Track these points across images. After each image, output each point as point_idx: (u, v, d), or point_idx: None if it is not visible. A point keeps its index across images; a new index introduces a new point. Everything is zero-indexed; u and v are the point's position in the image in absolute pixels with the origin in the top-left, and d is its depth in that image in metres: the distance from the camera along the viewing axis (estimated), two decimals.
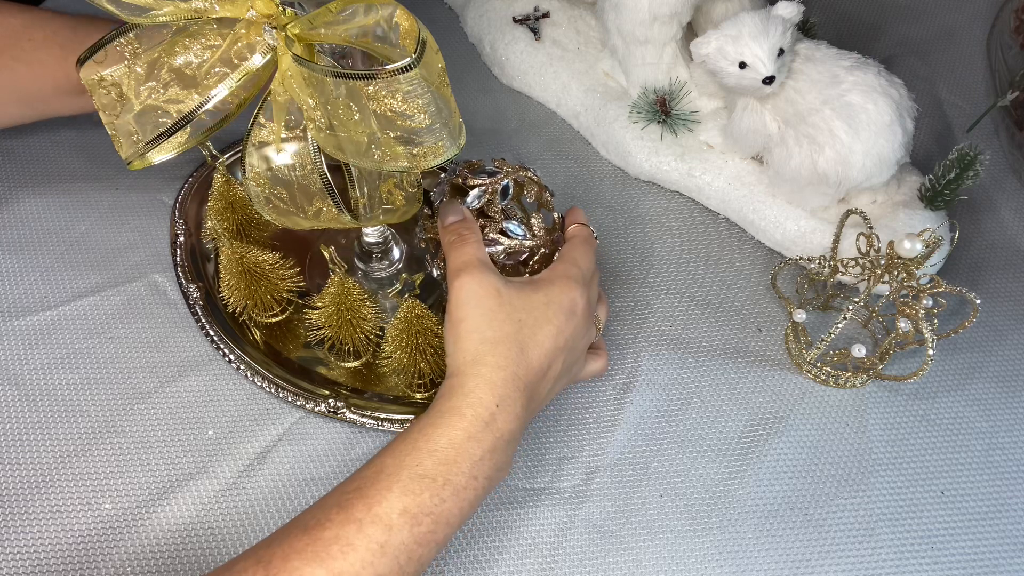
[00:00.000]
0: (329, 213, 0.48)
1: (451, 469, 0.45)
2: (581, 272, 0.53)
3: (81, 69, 0.47)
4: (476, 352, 0.48)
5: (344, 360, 0.59)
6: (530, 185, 0.56)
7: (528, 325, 0.50)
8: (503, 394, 0.48)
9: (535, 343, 0.49)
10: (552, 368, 0.51)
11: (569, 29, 0.78)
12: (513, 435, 0.48)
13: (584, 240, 0.55)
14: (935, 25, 0.86)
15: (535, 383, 0.50)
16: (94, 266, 0.63)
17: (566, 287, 0.52)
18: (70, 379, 0.58)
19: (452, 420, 0.47)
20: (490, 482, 0.47)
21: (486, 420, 0.47)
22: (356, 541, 0.42)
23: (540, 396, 0.51)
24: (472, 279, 0.50)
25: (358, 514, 0.43)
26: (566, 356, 0.52)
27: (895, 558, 0.54)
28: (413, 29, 0.40)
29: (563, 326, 0.51)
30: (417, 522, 0.44)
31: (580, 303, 0.52)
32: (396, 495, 0.44)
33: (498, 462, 0.47)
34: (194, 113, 0.46)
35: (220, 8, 0.43)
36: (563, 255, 0.54)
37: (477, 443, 0.46)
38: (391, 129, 0.41)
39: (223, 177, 0.59)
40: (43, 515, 0.53)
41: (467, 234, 0.52)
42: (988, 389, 0.62)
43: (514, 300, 0.50)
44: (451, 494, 0.45)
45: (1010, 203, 0.73)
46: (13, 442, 0.55)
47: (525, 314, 0.50)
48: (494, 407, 0.47)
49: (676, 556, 0.54)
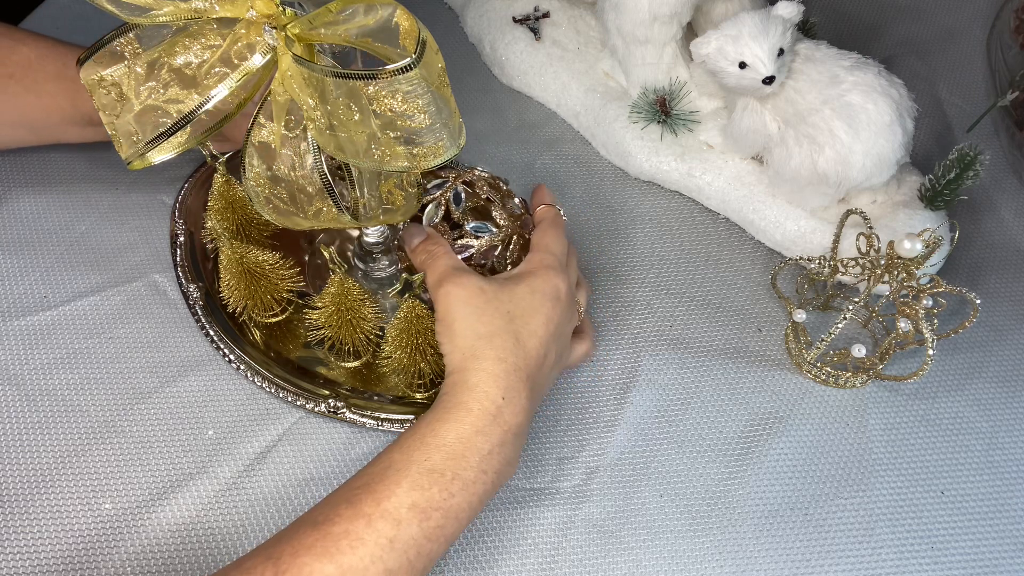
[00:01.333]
0: (329, 213, 0.48)
1: (460, 464, 0.45)
2: (556, 257, 0.54)
3: (81, 69, 0.47)
4: (473, 347, 0.49)
5: (344, 360, 0.59)
6: (480, 183, 0.57)
7: (518, 316, 0.50)
8: (507, 386, 0.48)
9: (529, 332, 0.50)
10: (548, 356, 0.51)
11: (569, 29, 0.77)
12: (520, 428, 0.48)
13: (552, 223, 0.56)
14: (935, 25, 0.86)
15: (535, 373, 0.50)
16: (94, 266, 0.63)
17: (545, 275, 0.52)
18: (70, 379, 0.58)
19: (459, 415, 0.47)
20: (499, 476, 0.47)
21: (493, 414, 0.47)
22: (365, 536, 0.42)
23: (540, 387, 0.52)
24: (452, 284, 0.51)
25: (367, 509, 0.43)
26: (557, 343, 0.52)
27: (895, 558, 0.54)
28: (413, 29, 0.40)
29: (551, 313, 0.51)
30: (426, 517, 0.44)
31: (562, 288, 0.52)
32: (405, 490, 0.44)
33: (507, 456, 0.48)
34: (194, 113, 0.46)
35: (220, 8, 0.43)
36: (535, 244, 0.55)
37: (485, 437, 0.47)
38: (391, 129, 0.41)
39: (223, 177, 0.59)
40: (43, 515, 0.53)
41: (435, 248, 0.54)
42: (988, 389, 0.62)
43: (499, 294, 0.51)
44: (460, 488, 0.45)
45: (1010, 203, 0.73)
46: (13, 442, 0.55)
47: (512, 305, 0.50)
48: (500, 400, 0.47)
49: (676, 556, 0.54)
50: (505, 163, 0.72)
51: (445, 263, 0.52)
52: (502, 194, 0.58)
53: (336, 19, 0.41)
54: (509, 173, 0.68)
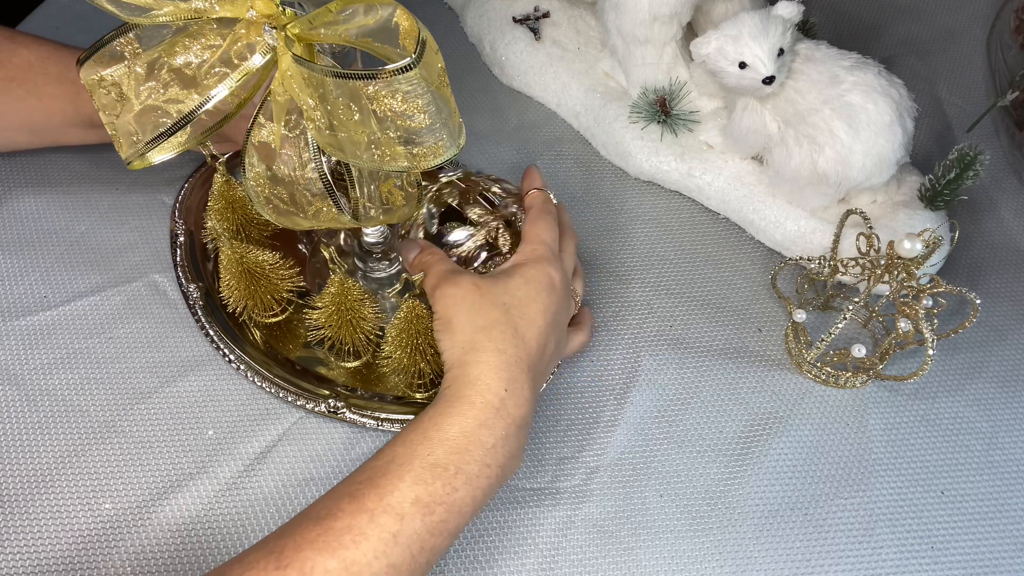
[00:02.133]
0: (329, 213, 0.48)
1: (463, 457, 0.45)
2: (547, 246, 0.54)
3: (81, 69, 0.47)
4: (472, 340, 0.49)
5: (344, 360, 0.59)
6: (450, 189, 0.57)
7: (515, 307, 0.50)
8: (509, 378, 0.48)
9: (527, 323, 0.50)
10: (548, 346, 0.51)
11: (569, 29, 0.77)
12: (524, 420, 0.48)
13: (541, 210, 0.56)
14: (935, 25, 0.86)
15: (536, 363, 0.50)
16: (94, 266, 0.63)
17: (538, 265, 0.52)
18: (70, 379, 0.58)
19: (462, 408, 0.47)
20: (503, 470, 0.47)
21: (496, 407, 0.47)
22: (368, 531, 0.42)
23: (540, 378, 0.52)
24: (448, 285, 0.51)
25: (370, 504, 0.43)
26: (556, 332, 0.52)
27: (895, 558, 0.54)
28: (413, 29, 0.40)
29: (547, 303, 0.51)
30: (430, 511, 0.44)
31: (556, 276, 0.52)
32: (408, 484, 0.44)
33: (511, 449, 0.47)
34: (194, 113, 0.46)
35: (220, 8, 0.43)
36: (526, 234, 0.55)
37: (489, 431, 0.46)
38: (391, 129, 0.41)
39: (223, 177, 0.59)
40: (43, 515, 0.53)
41: (430, 259, 0.54)
42: (988, 389, 0.62)
43: (494, 288, 0.51)
44: (463, 483, 0.45)
45: (1010, 203, 0.73)
46: (13, 442, 0.55)
47: (508, 297, 0.50)
48: (503, 392, 0.47)
49: (676, 556, 0.54)
50: (505, 163, 0.72)
51: (440, 268, 0.53)
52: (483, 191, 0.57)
53: (336, 19, 0.41)
54: (509, 173, 0.68)
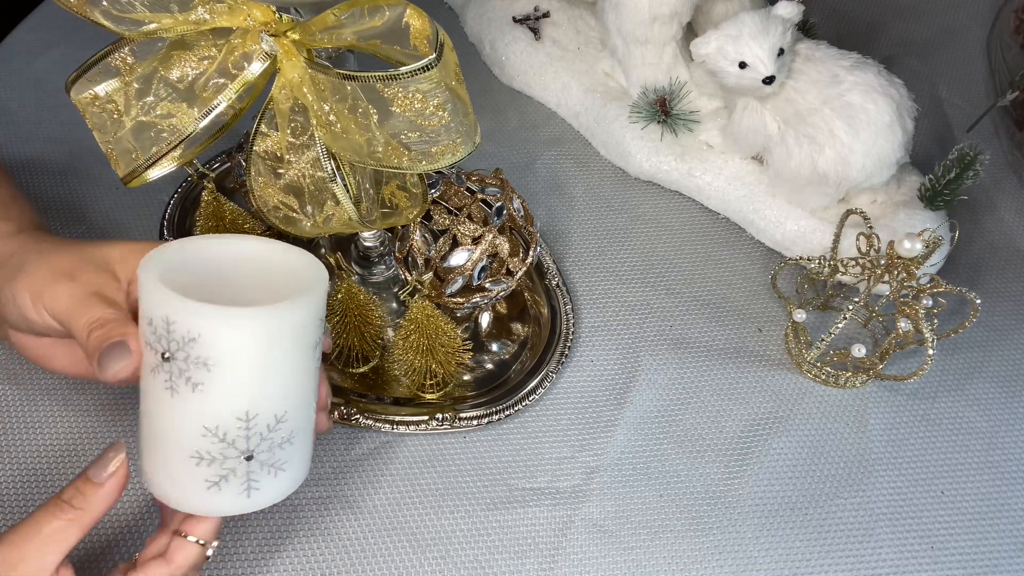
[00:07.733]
0: (340, 217, 0.48)
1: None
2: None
3: (72, 88, 0.46)
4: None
5: (353, 367, 0.59)
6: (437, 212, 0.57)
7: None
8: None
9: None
10: None
11: (569, 29, 0.78)
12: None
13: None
14: (935, 25, 0.86)
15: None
16: None
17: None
18: (70, 379, 0.58)
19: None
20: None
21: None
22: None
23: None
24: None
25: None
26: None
27: (895, 558, 0.54)
28: (426, 28, 0.39)
29: None
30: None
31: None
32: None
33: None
34: (194, 127, 0.46)
35: (217, 19, 0.43)
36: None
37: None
38: (409, 129, 0.41)
39: (211, 195, 0.58)
40: None
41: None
42: (988, 389, 0.62)
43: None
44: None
45: (1010, 203, 0.73)
46: (13, 441, 0.55)
47: None
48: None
49: (676, 556, 0.54)
50: (505, 163, 0.72)
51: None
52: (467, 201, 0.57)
53: (337, 23, 0.41)
54: (509, 173, 0.68)
